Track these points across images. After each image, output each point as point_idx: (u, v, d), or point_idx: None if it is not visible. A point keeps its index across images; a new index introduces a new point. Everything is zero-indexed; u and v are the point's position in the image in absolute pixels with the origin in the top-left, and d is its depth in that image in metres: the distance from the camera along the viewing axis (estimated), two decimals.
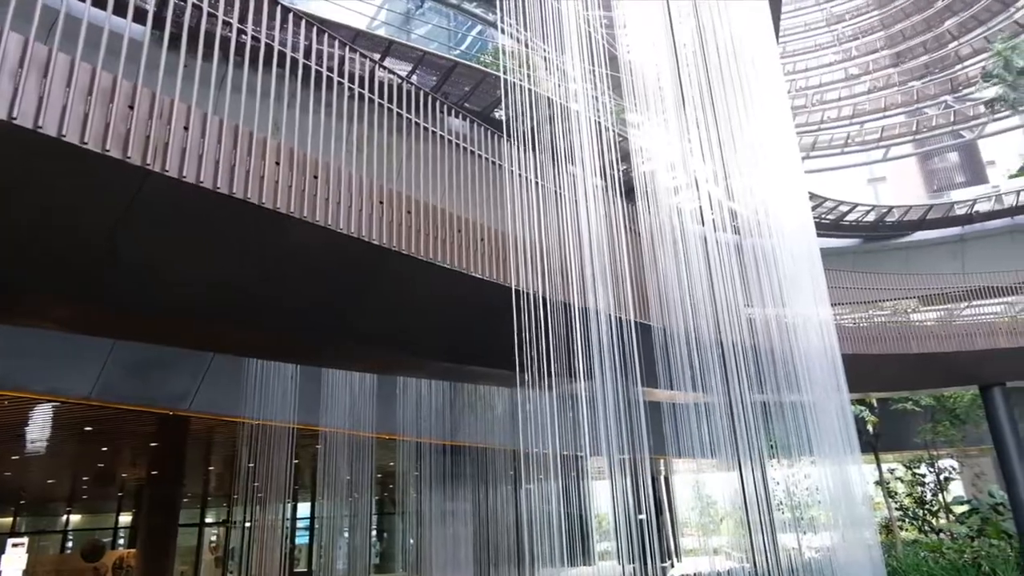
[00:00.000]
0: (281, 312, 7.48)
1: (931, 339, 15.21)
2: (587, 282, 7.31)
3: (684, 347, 7.68)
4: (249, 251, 6.03)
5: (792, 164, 10.21)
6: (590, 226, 7.50)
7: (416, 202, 6.58)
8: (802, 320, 8.81)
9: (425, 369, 11.05)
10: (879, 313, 16.87)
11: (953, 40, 36.50)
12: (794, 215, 9.65)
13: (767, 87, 9.73)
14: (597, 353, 7.00)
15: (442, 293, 7.39)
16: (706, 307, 7.99)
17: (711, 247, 8.17)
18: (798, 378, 8.24)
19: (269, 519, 14.21)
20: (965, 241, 28.20)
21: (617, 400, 7.05)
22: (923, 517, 22.67)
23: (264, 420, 12.33)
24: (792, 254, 9.17)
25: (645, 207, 8.16)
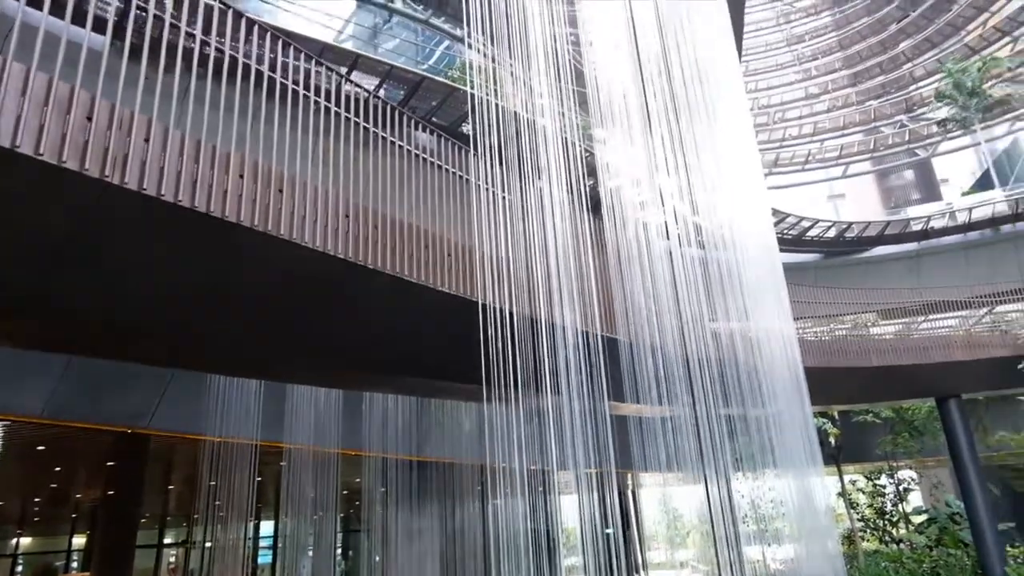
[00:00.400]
0: (244, 327, 7.37)
1: (890, 352, 15.55)
2: (554, 296, 7.30)
3: (650, 361, 7.73)
4: (211, 265, 5.94)
5: (755, 180, 10.37)
6: (557, 241, 7.52)
7: (383, 216, 6.55)
8: (766, 334, 8.93)
9: (392, 384, 10.95)
10: (840, 327, 17.22)
11: (907, 62, 37.74)
12: (757, 230, 9.78)
13: (730, 105, 9.91)
14: (564, 367, 6.99)
15: (409, 308, 7.35)
16: (672, 321, 8.03)
17: (676, 262, 8.26)
18: (762, 391, 8.35)
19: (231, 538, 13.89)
20: (921, 256, 29.00)
21: (584, 414, 7.04)
22: (883, 527, 23.09)
23: (226, 437, 12.09)
24: (755, 269, 9.30)
25: (611, 222, 8.23)
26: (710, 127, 8.95)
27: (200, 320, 6.96)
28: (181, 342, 7.56)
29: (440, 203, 7.47)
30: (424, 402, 14.96)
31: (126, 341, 7.34)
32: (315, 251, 5.75)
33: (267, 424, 12.32)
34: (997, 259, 27.17)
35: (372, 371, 9.23)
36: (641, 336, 7.81)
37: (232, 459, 12.33)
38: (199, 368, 10.74)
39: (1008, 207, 28.18)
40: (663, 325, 7.94)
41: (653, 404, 7.68)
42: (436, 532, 16.97)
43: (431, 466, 16.13)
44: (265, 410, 12.27)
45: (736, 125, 10.06)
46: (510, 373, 6.66)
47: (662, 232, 8.35)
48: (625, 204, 8.32)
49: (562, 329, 7.17)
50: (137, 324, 6.80)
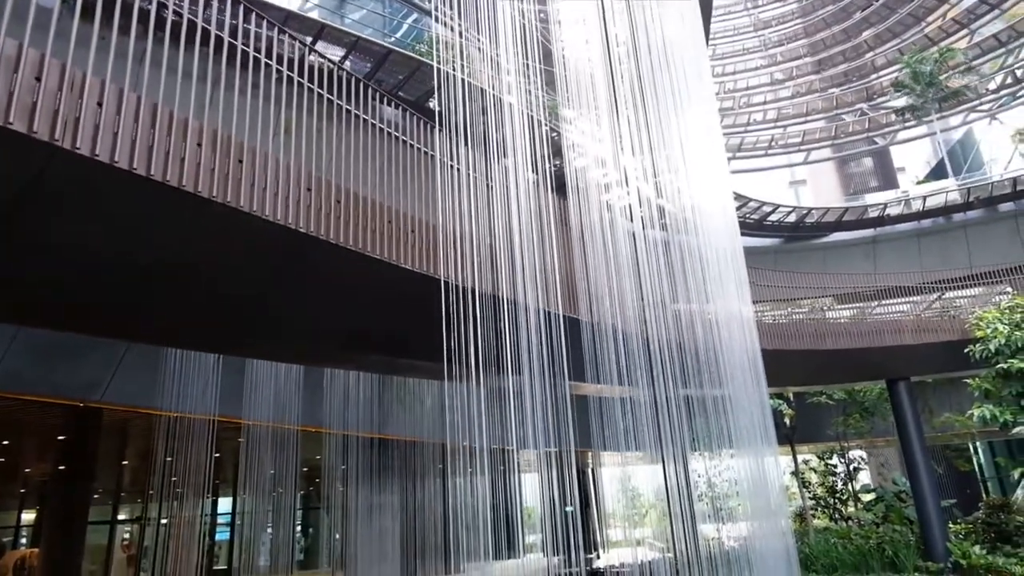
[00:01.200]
0: (201, 300, 7.23)
1: (844, 336, 15.92)
2: (517, 275, 7.33)
3: (611, 342, 7.78)
4: (166, 236, 5.79)
5: (719, 164, 10.47)
6: (521, 219, 7.51)
7: (345, 191, 6.47)
8: (725, 316, 9.04)
9: (353, 361, 10.89)
10: (798, 311, 17.56)
11: (870, 51, 38.36)
12: (720, 214, 9.86)
13: (697, 88, 9.94)
14: (525, 347, 7.01)
15: (371, 284, 7.30)
16: (633, 302, 8.11)
17: (639, 243, 8.29)
18: (720, 373, 8.47)
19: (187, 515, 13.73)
20: (877, 243, 29.69)
21: (545, 394, 7.08)
22: (834, 505, 23.84)
23: (183, 412, 11.89)
24: (717, 252, 9.40)
25: (576, 202, 8.23)
26: (676, 110, 8.97)
27: (158, 293, 6.80)
28: (136, 314, 7.38)
29: (404, 179, 7.40)
30: (386, 380, 14.84)
31: (77, 313, 7.15)
32: (276, 224, 5.65)
33: (225, 399, 12.14)
34: (949, 246, 27.98)
35: (334, 347, 9.15)
36: (603, 317, 7.85)
37: (189, 435, 12.16)
38: (154, 341, 10.53)
39: (960, 196, 28.96)
40: (625, 306, 8.00)
41: (613, 384, 7.74)
42: (397, 510, 17.00)
43: (392, 444, 16.09)
44: (223, 385, 12.07)
45: (702, 108, 10.13)
46: (472, 352, 6.65)
47: (626, 213, 8.39)
48: (590, 185, 8.31)
49: (524, 308, 7.18)
50: (89, 296, 6.62)
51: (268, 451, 13.02)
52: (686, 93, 9.38)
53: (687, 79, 9.65)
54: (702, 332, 8.56)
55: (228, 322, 7.95)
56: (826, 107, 38.15)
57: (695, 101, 9.84)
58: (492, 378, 6.90)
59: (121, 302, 6.90)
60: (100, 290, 6.50)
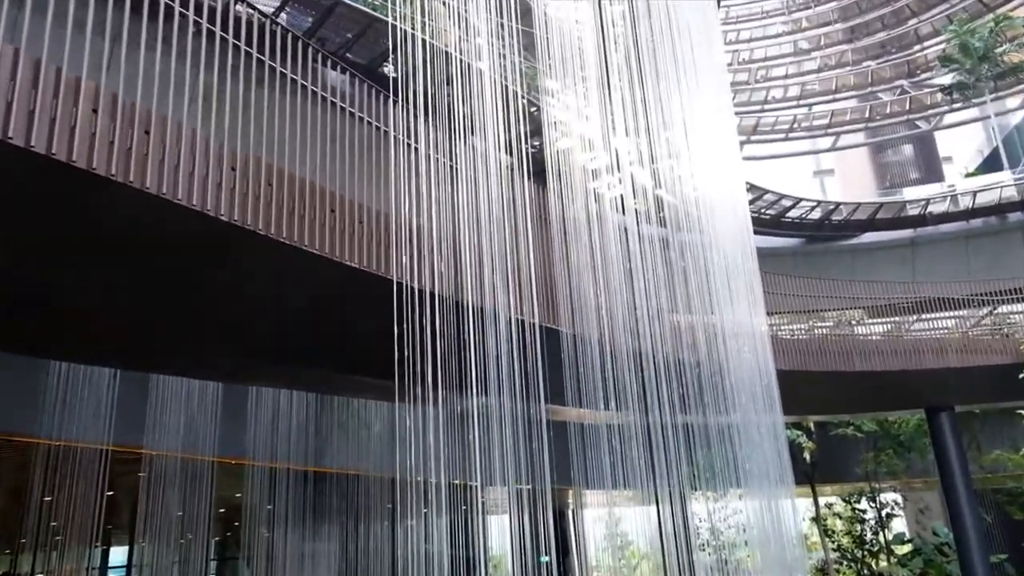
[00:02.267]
0: (99, 303, 7.17)
1: (876, 355, 16.13)
2: (485, 277, 7.43)
3: (597, 358, 7.85)
4: (53, 223, 5.74)
5: (730, 149, 10.68)
6: (492, 211, 7.60)
7: (279, 172, 6.50)
8: (734, 330, 9.15)
9: (285, 377, 10.91)
10: (821, 325, 17.77)
11: (913, 16, 38.86)
12: (730, 208, 9.98)
13: (705, 57, 10.03)
14: (494, 362, 7.12)
15: (309, 285, 7.33)
16: (624, 311, 8.19)
17: (633, 241, 8.37)
18: (727, 397, 8.57)
19: (69, 569, 13.50)
20: (916, 245, 30.14)
21: (517, 419, 7.20)
22: (862, 559, 24.15)
23: (68, 440, 11.69)
24: (726, 253, 9.51)
25: (558, 191, 8.30)
26: (680, 82, 9.06)
27: (43, 293, 6.73)
28: (12, 319, 7.28)
29: (352, 159, 7.44)
30: (325, 400, 14.83)
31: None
32: (191, 210, 5.64)
33: (123, 424, 11.97)
34: (1002, 251, 28.41)
35: (261, 361, 9.19)
36: (587, 328, 7.93)
37: (75, 468, 11.96)
38: (36, 353, 10.36)
39: (1017, 192, 29.38)
40: (614, 316, 8.07)
41: (599, 409, 7.81)
42: (335, 559, 16.89)
43: (331, 479, 15.99)
44: (121, 406, 11.89)
45: (711, 82, 10.23)
46: (430, 368, 6.74)
47: (617, 206, 8.47)
48: (575, 170, 8.37)
49: (493, 317, 7.27)
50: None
51: (175, 488, 12.85)
52: (692, 63, 9.44)
53: (693, 46, 9.72)
54: (706, 348, 8.69)
55: (129, 330, 7.88)
56: (859, 83, 38.69)
57: (703, 73, 9.93)
58: (454, 399, 7.01)
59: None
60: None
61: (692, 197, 9.26)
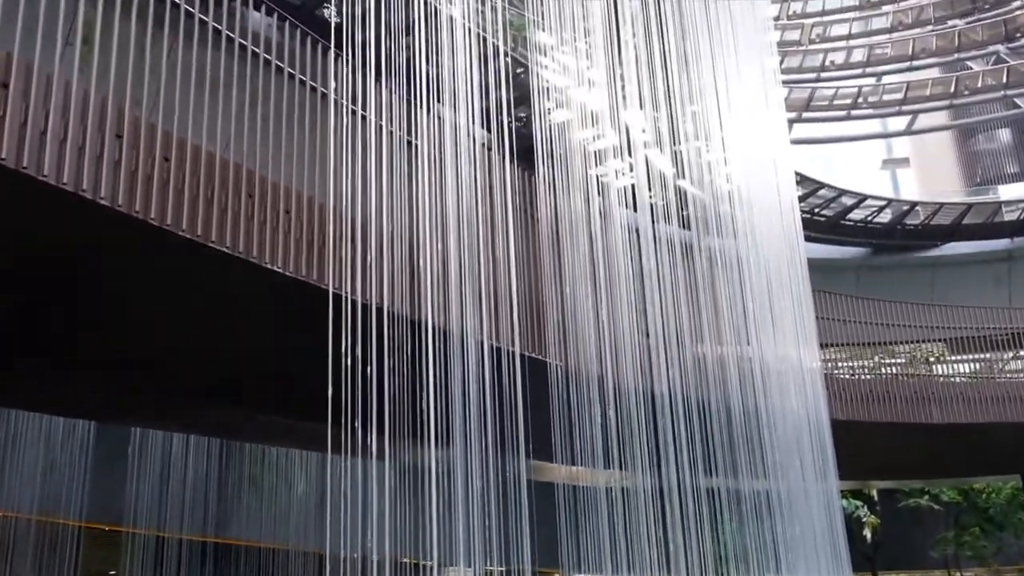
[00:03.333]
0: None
1: (960, 403, 15.88)
2: (452, 289, 7.29)
3: (596, 399, 7.74)
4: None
5: (776, 128, 10.53)
6: (462, 202, 7.45)
7: (179, 144, 6.33)
8: (777, 367, 9.07)
9: (181, 418, 10.78)
10: (889, 362, 17.50)
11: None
12: (774, 206, 9.91)
13: (744, 9, 9.95)
14: (461, 403, 7.00)
15: (214, 295, 7.20)
16: (634, 339, 8.05)
17: (647, 246, 8.24)
18: (766, 455, 8.47)
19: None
20: (1015, 260, 30.05)
21: (489, 478, 7.07)
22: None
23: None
24: (768, 265, 9.45)
25: (550, 178, 8.17)
26: (711, 41, 8.91)
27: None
28: None
29: (279, 130, 7.26)
30: (232, 449, 14.84)
31: None
32: (60, 189, 5.46)
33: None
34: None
35: (149, 395, 9.09)
36: (584, 361, 7.80)
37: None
38: None
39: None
40: (620, 345, 7.92)
41: (597, 468, 7.68)
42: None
43: (238, 554, 15.96)
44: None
45: (751, 41, 10.12)
46: (375, 407, 6.57)
47: (628, 199, 8.37)
48: (573, 152, 8.25)
49: (461, 343, 7.17)
50: None
51: (27, 561, 12.60)
52: (728, 15, 9.34)
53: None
54: (739, 390, 8.57)
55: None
56: (943, 48, 38.43)
57: (741, 29, 9.76)
58: (405, 450, 6.86)
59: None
60: None
61: (725, 190, 9.18)
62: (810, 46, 38.78)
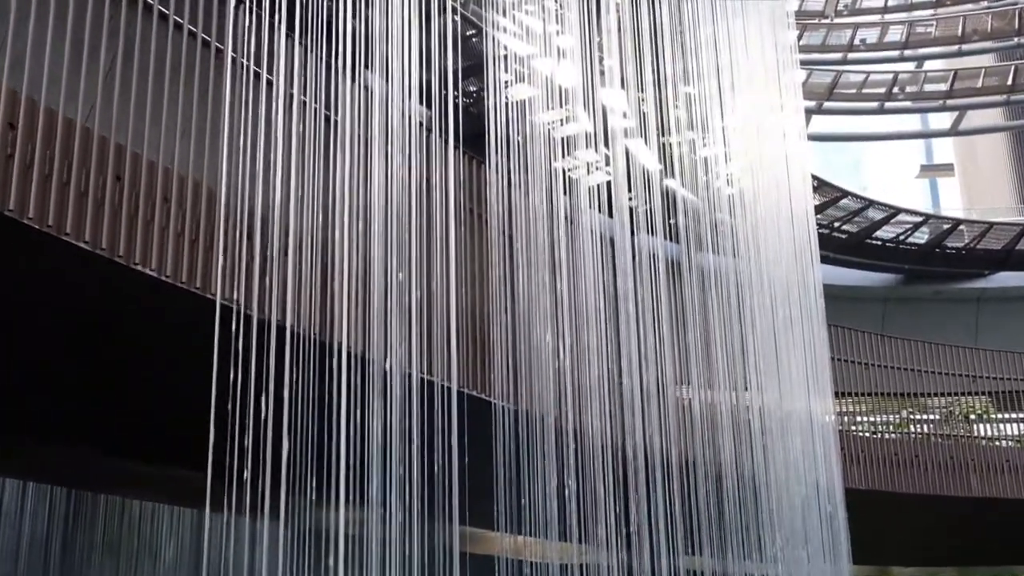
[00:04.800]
0: None
1: (1007, 473, 16.13)
2: (374, 305, 7.34)
3: (552, 452, 7.80)
4: None
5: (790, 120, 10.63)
6: (391, 196, 7.52)
7: (30, 107, 6.29)
8: (781, 420, 9.17)
9: (11, 461, 10.72)
10: (920, 418, 17.70)
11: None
12: (784, 216, 10.04)
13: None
14: (379, 450, 7.07)
15: (66, 301, 7.17)
16: (603, 379, 8.11)
17: (624, 262, 8.32)
18: (762, 531, 8.50)
19: None
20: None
21: (412, 547, 7.10)
22: None
23: None
24: (775, 290, 9.56)
25: (503, 169, 8.24)
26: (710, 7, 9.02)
27: None
28: None
29: (161, 95, 7.21)
30: (82, 503, 14.73)
31: None
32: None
33: None
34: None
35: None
36: (539, 404, 7.87)
37: None
38: None
39: None
40: (584, 385, 7.99)
41: (550, 539, 7.67)
42: None
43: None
44: None
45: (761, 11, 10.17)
46: (269, 454, 6.57)
47: (601, 201, 8.43)
48: (534, 138, 8.34)
49: (383, 375, 7.22)
50: None
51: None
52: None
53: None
54: (733, 447, 8.62)
55: None
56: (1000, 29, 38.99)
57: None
58: (306, 510, 6.87)
59: None
60: None
61: (724, 195, 9.26)
62: (836, 20, 39.10)
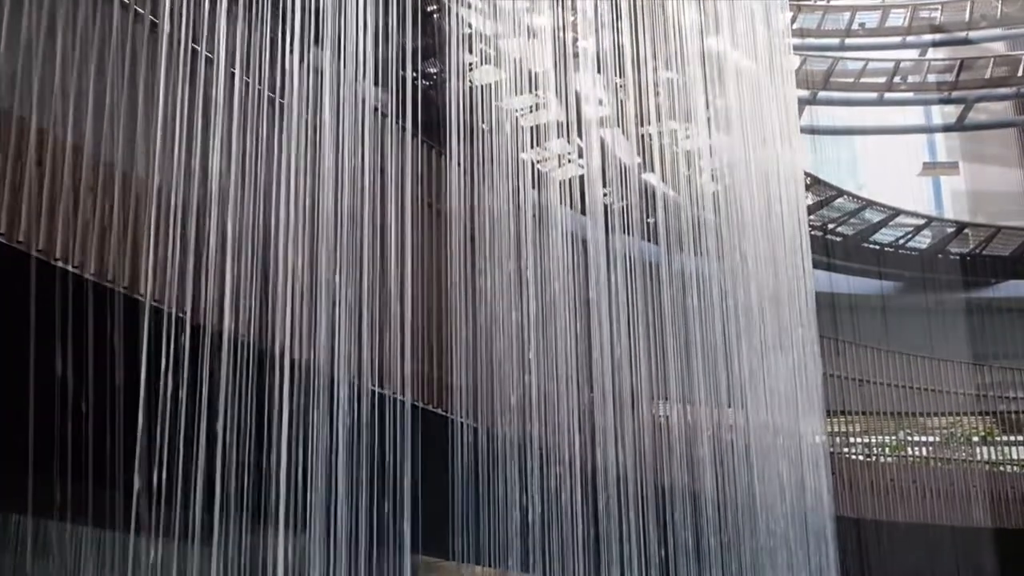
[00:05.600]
0: None
1: (1012, 502, 16.32)
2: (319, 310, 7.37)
3: (516, 475, 7.90)
4: None
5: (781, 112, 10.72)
6: (341, 187, 7.59)
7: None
8: (765, 436, 9.25)
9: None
10: (919, 439, 17.86)
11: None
12: (773, 218, 10.11)
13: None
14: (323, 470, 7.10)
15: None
16: (574, 392, 8.23)
17: (597, 264, 8.43)
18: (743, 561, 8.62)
19: None
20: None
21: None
22: None
23: None
24: (760, 298, 9.65)
25: (465, 160, 8.36)
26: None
27: None
28: None
29: (84, 68, 7.19)
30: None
31: None
32: None
33: None
34: None
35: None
36: (501, 420, 8.00)
37: None
38: None
39: None
40: (553, 400, 8.13)
41: (512, 571, 7.79)
42: None
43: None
44: None
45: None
46: (200, 472, 6.64)
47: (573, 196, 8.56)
48: (500, 125, 8.42)
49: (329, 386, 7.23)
50: None
51: None
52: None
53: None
54: (714, 470, 8.75)
55: None
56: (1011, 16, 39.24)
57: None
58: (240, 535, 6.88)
59: None
60: None
61: (708, 191, 9.39)
62: (833, 1, 39.32)
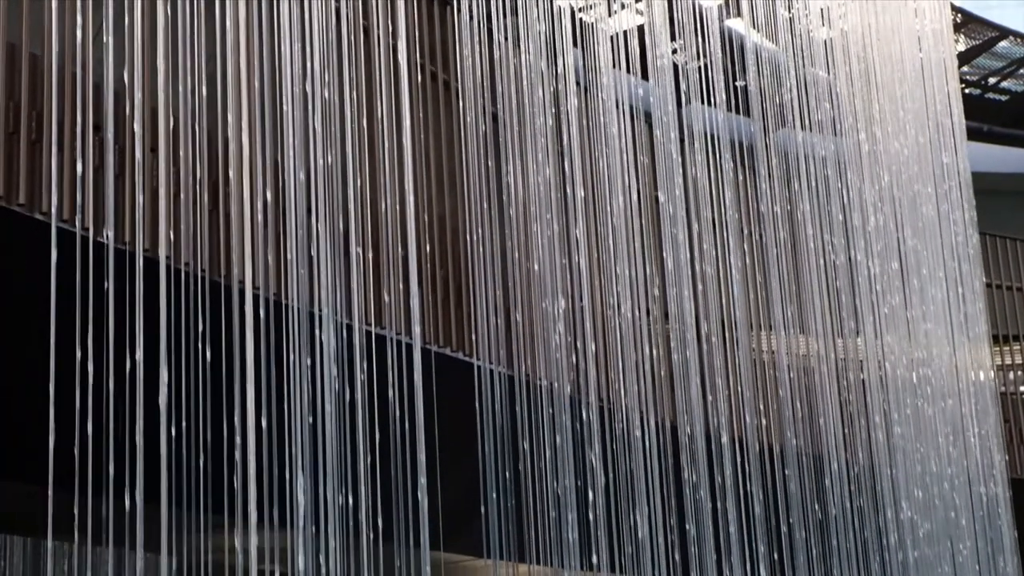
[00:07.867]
0: None
1: None
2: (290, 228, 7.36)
3: (568, 441, 8.02)
4: None
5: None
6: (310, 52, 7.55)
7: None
8: (911, 379, 9.26)
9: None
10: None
11: None
12: (909, 73, 10.07)
13: None
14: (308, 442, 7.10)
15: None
16: (640, 330, 8.49)
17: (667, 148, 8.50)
18: (886, 547, 8.80)
19: None
20: None
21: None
22: None
23: None
24: (896, 184, 9.63)
25: (481, 11, 8.41)
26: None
27: None
28: None
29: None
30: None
31: None
32: None
33: None
34: None
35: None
36: (546, 367, 8.21)
37: None
38: None
39: None
40: (613, 339, 8.38)
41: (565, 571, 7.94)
42: None
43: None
44: None
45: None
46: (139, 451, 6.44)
47: (630, 57, 8.62)
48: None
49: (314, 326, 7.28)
50: None
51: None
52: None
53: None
54: (839, 427, 8.87)
55: None
56: None
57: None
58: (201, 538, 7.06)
59: None
60: None
61: (819, 39, 9.52)
62: None
